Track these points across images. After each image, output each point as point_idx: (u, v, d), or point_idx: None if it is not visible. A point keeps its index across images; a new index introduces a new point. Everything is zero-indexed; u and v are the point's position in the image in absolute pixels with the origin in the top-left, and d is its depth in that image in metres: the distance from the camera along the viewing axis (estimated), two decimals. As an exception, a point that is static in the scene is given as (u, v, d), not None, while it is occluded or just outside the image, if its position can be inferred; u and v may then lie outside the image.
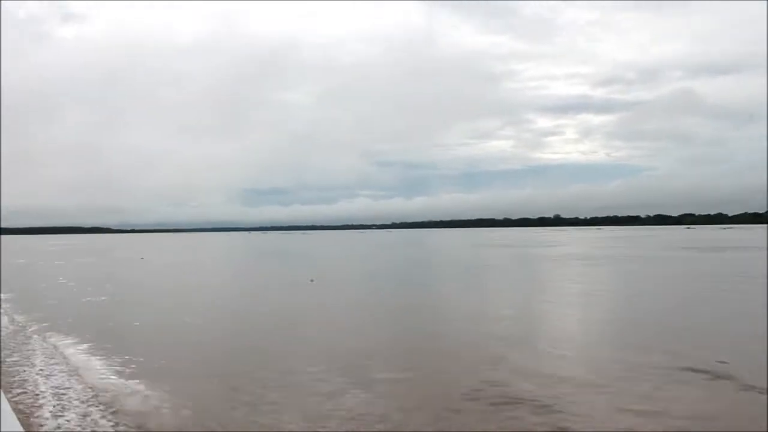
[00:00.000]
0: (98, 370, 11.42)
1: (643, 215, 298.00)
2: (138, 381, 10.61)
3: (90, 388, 10.01)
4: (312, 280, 31.04)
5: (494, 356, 11.90)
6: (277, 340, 14.71)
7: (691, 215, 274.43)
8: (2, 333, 14.34)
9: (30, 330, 15.16)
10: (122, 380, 10.61)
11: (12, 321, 17.25)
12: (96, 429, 7.73)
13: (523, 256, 50.38)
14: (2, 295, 21.79)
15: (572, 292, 24.20)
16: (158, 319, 18.45)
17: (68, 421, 7.96)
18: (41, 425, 7.63)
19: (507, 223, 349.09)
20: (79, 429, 7.73)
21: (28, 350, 12.78)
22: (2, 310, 18.53)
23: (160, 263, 55.21)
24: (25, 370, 10.90)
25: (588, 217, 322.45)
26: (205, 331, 16.20)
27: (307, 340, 14.33)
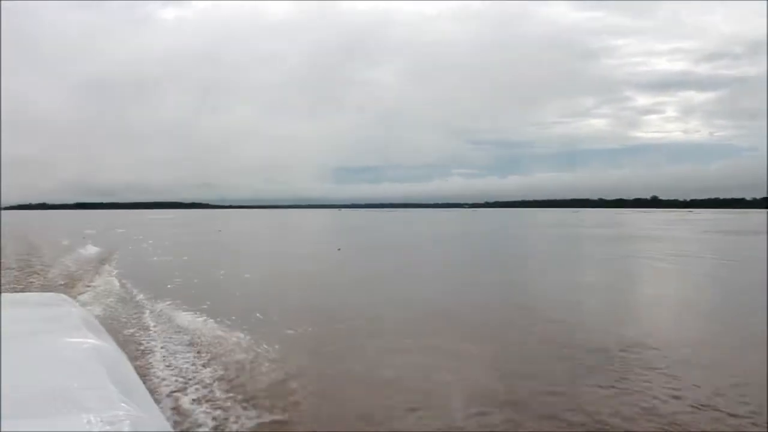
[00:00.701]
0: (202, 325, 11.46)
1: (749, 197, 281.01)
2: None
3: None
4: (339, 249, 31.90)
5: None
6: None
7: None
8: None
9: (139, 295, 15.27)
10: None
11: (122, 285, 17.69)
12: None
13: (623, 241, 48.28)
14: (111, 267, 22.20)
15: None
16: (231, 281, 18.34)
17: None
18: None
19: (602, 203, 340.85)
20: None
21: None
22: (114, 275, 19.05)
23: (235, 233, 57.92)
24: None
25: (688, 199, 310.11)
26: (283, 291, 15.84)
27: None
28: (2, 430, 2.24)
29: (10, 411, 2.32)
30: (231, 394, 7.42)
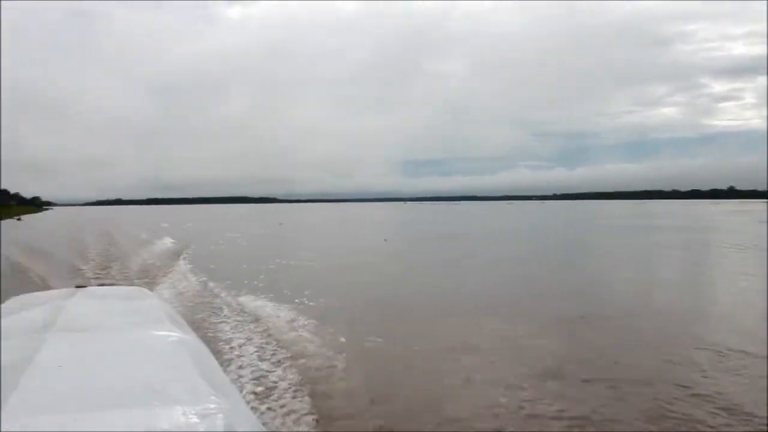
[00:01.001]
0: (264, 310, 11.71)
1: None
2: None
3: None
4: (385, 240, 31.58)
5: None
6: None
7: None
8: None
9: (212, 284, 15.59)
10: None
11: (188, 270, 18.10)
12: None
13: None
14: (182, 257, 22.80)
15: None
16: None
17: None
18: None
19: (675, 195, 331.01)
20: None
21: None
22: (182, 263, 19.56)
23: (294, 226, 59.36)
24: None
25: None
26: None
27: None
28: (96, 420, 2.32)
29: (106, 401, 2.39)
30: (308, 387, 7.40)
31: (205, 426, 2.18)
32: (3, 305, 5.04)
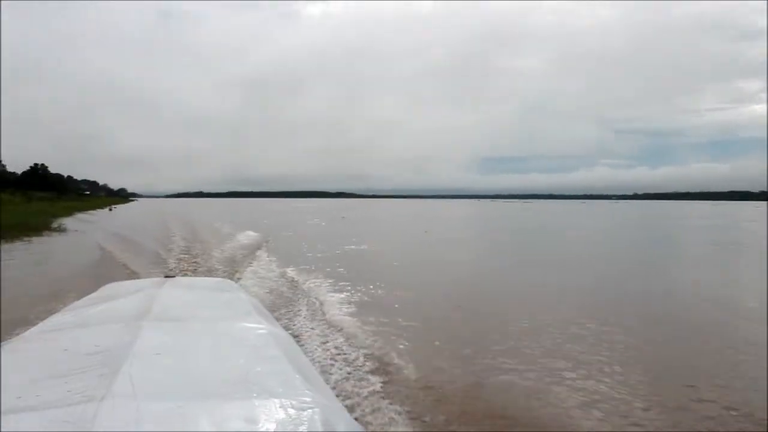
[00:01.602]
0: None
1: None
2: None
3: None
4: (426, 232, 32.30)
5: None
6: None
7: None
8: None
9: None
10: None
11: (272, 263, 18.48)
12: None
13: None
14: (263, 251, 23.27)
15: None
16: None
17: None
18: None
19: (765, 196, 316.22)
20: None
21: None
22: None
23: (356, 220, 60.30)
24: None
25: None
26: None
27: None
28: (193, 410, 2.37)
29: (205, 391, 2.42)
30: (389, 386, 7.29)
31: (304, 420, 2.19)
32: (97, 292, 5.24)
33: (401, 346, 9.28)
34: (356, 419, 5.90)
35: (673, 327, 11.14)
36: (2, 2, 41.89)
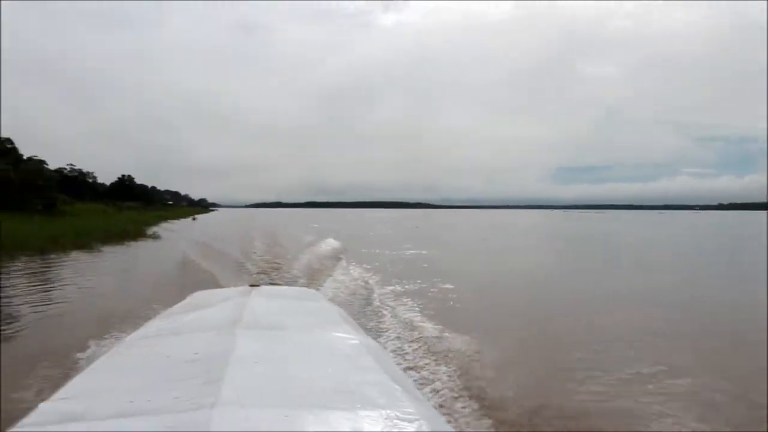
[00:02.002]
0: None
1: None
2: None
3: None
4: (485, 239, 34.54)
5: None
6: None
7: None
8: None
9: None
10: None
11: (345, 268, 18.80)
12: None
13: None
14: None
15: None
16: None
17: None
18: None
19: None
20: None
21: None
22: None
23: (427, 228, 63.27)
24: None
25: None
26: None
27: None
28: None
29: (308, 400, 2.42)
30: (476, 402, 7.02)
31: (410, 431, 2.17)
32: (186, 300, 5.36)
33: (482, 358, 9.17)
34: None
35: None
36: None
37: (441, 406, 6.56)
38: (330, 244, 28.43)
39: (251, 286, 5.76)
